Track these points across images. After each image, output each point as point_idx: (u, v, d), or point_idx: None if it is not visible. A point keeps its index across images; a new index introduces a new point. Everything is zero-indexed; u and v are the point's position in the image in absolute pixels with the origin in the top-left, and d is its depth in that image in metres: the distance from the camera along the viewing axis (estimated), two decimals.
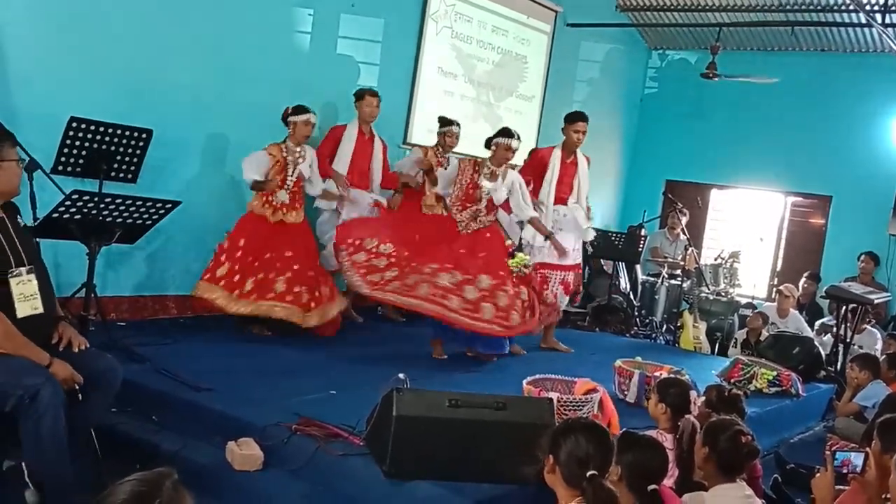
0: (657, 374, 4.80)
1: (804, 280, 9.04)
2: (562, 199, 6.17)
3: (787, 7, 9.00)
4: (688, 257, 8.29)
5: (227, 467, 3.58)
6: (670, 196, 9.28)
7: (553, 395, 4.07)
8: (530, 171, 6.22)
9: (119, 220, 4.06)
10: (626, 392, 5.03)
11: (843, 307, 7.10)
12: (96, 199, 3.96)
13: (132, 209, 4.06)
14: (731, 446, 3.13)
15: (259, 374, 4.68)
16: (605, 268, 9.27)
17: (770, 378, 5.76)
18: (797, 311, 8.16)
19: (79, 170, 4.83)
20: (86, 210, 3.93)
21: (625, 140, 10.77)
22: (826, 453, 3.03)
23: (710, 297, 8.49)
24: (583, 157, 6.23)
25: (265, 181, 5.59)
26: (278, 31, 6.39)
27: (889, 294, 8.24)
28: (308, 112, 5.70)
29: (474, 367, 5.52)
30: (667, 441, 3.53)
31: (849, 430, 5.30)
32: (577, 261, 6.41)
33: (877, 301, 7.46)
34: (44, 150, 4.55)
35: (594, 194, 10.17)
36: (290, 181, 5.73)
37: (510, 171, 5.83)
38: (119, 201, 4.00)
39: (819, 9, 8.78)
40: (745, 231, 10.38)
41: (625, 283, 9.07)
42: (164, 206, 4.17)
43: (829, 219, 9.74)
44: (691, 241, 8.62)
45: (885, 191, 8.96)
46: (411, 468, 3.32)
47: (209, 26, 5.86)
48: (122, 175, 5.00)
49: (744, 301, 9.05)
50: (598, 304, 8.65)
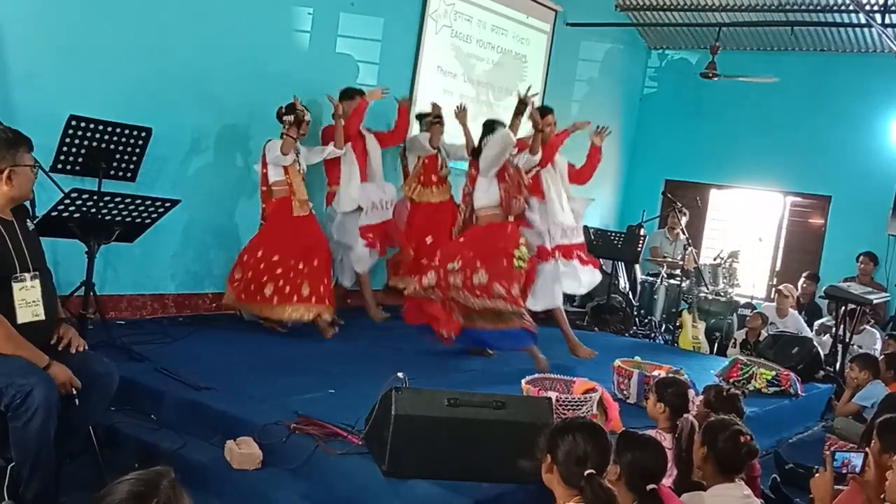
0: (656, 373, 4.80)
1: (803, 280, 9.05)
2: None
3: (787, 7, 9.00)
4: (687, 257, 8.29)
5: (226, 466, 3.58)
6: (669, 196, 9.28)
7: (552, 395, 4.08)
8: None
9: (118, 218, 4.04)
10: (625, 392, 5.03)
11: (842, 307, 7.10)
12: (95, 197, 3.94)
13: (131, 208, 4.05)
14: (730, 446, 3.14)
15: (258, 372, 4.68)
16: (604, 267, 9.27)
17: (769, 378, 5.77)
18: (796, 312, 8.16)
19: (78, 168, 4.82)
20: (85, 208, 3.91)
21: (624, 140, 10.76)
22: (825, 453, 3.03)
23: (709, 297, 8.50)
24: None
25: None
26: (278, 29, 6.38)
27: (888, 294, 8.25)
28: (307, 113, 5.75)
29: (473, 366, 5.52)
30: (665, 440, 3.53)
31: (848, 430, 5.30)
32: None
33: (876, 301, 7.47)
34: (43, 149, 4.51)
35: (594, 193, 10.24)
36: (303, 170, 5.84)
37: None
38: (118, 200, 3.98)
39: (819, 9, 8.78)
40: (744, 231, 10.39)
41: (624, 282, 9.08)
42: (163, 204, 4.15)
43: (828, 219, 9.74)
44: (690, 241, 8.63)
45: (884, 191, 8.96)
46: (410, 467, 3.32)
47: (208, 25, 5.85)
48: (121, 173, 4.99)
49: (743, 301, 9.05)
50: (597, 304, 8.65)
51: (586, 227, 9.62)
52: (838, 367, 6.89)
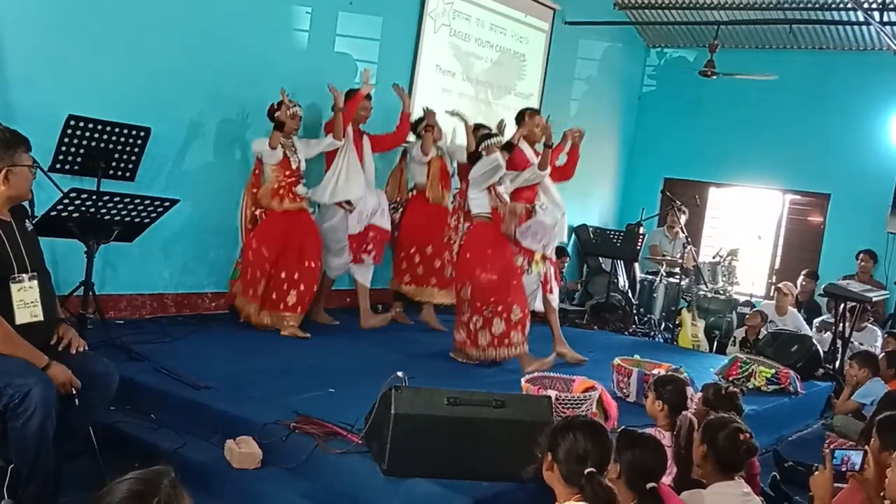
0: (655, 372, 4.80)
1: (802, 278, 9.04)
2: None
3: (786, 5, 9.00)
4: (686, 255, 8.29)
5: (226, 465, 3.59)
6: (669, 194, 9.27)
7: (552, 393, 4.08)
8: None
9: (117, 218, 4.04)
10: (624, 390, 5.03)
11: (842, 305, 7.11)
12: (94, 197, 3.94)
13: (130, 207, 4.05)
14: (730, 444, 3.13)
15: (257, 372, 4.68)
16: (603, 266, 9.28)
17: (768, 376, 5.77)
18: (795, 310, 8.16)
19: (77, 168, 4.83)
20: (84, 208, 3.91)
21: (623, 138, 10.76)
22: (825, 451, 3.02)
23: (709, 295, 8.50)
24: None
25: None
26: (276, 29, 6.38)
27: (887, 292, 8.25)
28: (294, 105, 5.76)
29: (473, 365, 5.51)
30: (665, 438, 3.53)
31: (847, 428, 5.31)
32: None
33: (875, 299, 7.47)
34: (42, 149, 4.51)
35: (593, 192, 10.27)
36: (301, 169, 5.84)
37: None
38: (117, 199, 3.99)
39: (817, 7, 8.77)
40: (743, 229, 10.39)
41: (623, 281, 9.08)
42: (162, 204, 4.15)
43: (827, 217, 9.74)
44: (690, 240, 8.62)
45: (883, 188, 8.96)
46: (410, 466, 3.33)
47: (207, 24, 5.85)
48: (120, 173, 4.99)
49: (742, 299, 9.05)
50: (597, 303, 8.66)
51: (585, 226, 9.69)
52: (837, 364, 6.89)
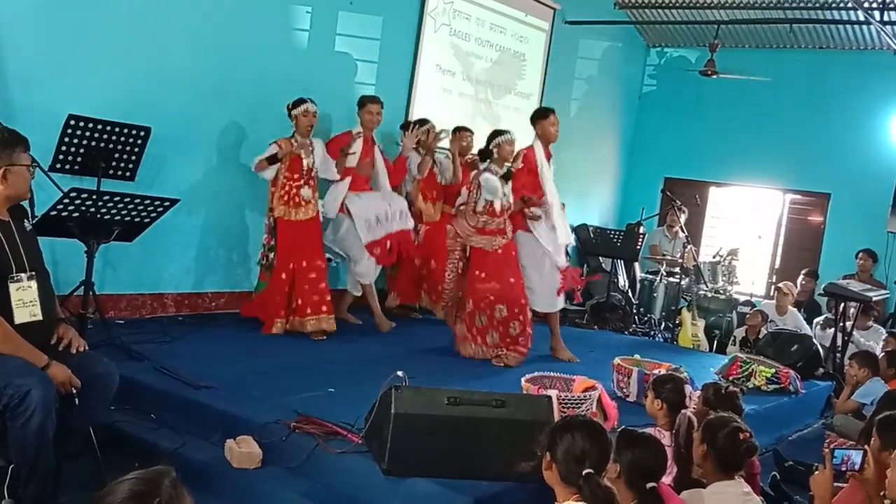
0: (655, 371, 4.80)
1: (802, 277, 9.04)
2: None
3: (786, 5, 9.00)
4: (686, 255, 8.29)
5: (226, 465, 3.59)
6: (669, 194, 9.27)
7: (552, 393, 4.08)
8: (527, 174, 5.89)
9: (117, 217, 4.04)
10: (624, 390, 5.03)
11: (842, 304, 7.10)
12: (94, 196, 3.94)
13: (130, 207, 4.05)
14: (730, 443, 3.13)
15: (257, 371, 4.68)
16: (603, 265, 9.27)
17: (768, 375, 5.77)
18: (795, 309, 8.16)
19: (77, 168, 4.83)
20: (84, 208, 3.91)
21: (623, 138, 10.76)
22: (825, 451, 3.02)
23: (709, 295, 8.50)
24: (551, 152, 6.12)
25: (278, 155, 5.62)
26: (276, 28, 6.38)
27: (887, 291, 8.25)
28: (305, 102, 5.71)
29: (473, 364, 5.52)
30: (664, 438, 3.53)
31: (847, 428, 5.30)
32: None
33: (875, 298, 7.47)
34: (42, 148, 4.52)
35: (593, 191, 10.27)
36: (312, 172, 5.77)
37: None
38: (117, 199, 3.98)
39: (817, 6, 8.77)
40: (743, 228, 10.39)
41: (623, 280, 9.08)
42: (162, 203, 4.15)
43: (827, 216, 9.74)
44: (690, 239, 8.62)
45: (883, 188, 8.95)
46: (410, 465, 3.32)
47: (207, 24, 5.85)
48: (120, 173, 4.99)
49: (742, 299, 9.04)
50: (597, 302, 8.65)
51: (585, 226, 9.69)
52: (838, 363, 6.89)
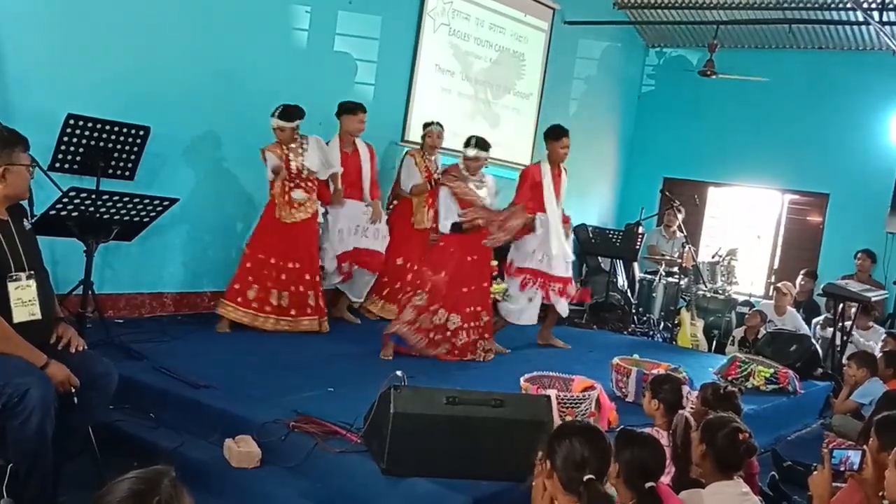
0: (654, 371, 4.80)
1: (801, 278, 9.05)
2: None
3: (785, 5, 9.01)
4: (685, 255, 8.29)
5: (225, 464, 3.59)
6: (668, 194, 9.28)
7: (551, 392, 4.08)
8: (528, 190, 6.02)
9: (116, 217, 4.04)
10: (623, 389, 5.03)
11: (841, 305, 7.11)
12: (94, 196, 3.94)
13: (129, 206, 4.05)
14: (729, 443, 3.13)
15: (257, 371, 4.68)
16: (602, 265, 9.28)
17: (767, 375, 5.77)
18: (794, 309, 8.16)
19: (76, 167, 4.83)
20: (83, 207, 3.92)
21: (622, 138, 10.76)
22: (823, 451, 3.02)
23: (708, 295, 8.50)
24: (563, 168, 6.22)
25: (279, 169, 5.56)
26: (276, 28, 6.38)
27: (886, 292, 8.25)
28: (273, 117, 5.54)
29: (472, 364, 5.52)
30: (663, 438, 3.53)
31: (846, 428, 5.31)
32: (569, 272, 6.33)
33: (874, 299, 7.47)
34: (41, 148, 4.53)
35: (592, 191, 10.27)
36: (303, 173, 5.65)
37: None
38: (116, 198, 3.99)
39: (816, 7, 8.78)
40: (742, 229, 10.40)
41: (622, 280, 9.09)
42: (161, 203, 4.15)
43: (826, 216, 9.75)
44: (688, 239, 8.63)
45: (882, 188, 8.96)
46: (409, 465, 3.33)
47: (207, 23, 5.85)
48: (119, 172, 5.00)
49: (741, 299, 9.05)
50: (596, 302, 8.65)
51: (584, 226, 9.69)
52: (837, 364, 6.89)
